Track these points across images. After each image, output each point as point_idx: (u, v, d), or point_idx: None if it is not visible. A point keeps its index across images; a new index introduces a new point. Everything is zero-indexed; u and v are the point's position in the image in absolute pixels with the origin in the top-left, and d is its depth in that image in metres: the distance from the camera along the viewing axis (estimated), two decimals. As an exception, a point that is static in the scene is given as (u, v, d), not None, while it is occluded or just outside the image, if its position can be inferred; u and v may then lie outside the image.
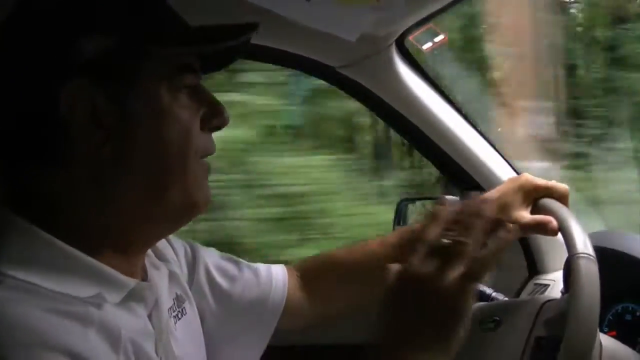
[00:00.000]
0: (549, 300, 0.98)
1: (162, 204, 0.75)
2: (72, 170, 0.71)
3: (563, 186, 1.00)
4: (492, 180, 1.48)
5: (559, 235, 0.93)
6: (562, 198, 0.99)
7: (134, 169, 0.73)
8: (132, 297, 0.75)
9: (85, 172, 0.71)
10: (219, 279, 1.01)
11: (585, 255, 0.85)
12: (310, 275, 1.10)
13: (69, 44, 0.69)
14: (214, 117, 0.79)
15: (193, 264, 1.00)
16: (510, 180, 1.03)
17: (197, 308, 0.95)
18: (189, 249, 1.00)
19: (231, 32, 0.77)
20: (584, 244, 0.87)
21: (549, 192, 0.99)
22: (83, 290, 0.69)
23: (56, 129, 0.70)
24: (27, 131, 0.71)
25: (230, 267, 1.04)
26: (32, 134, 0.71)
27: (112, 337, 0.68)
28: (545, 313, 0.95)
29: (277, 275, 1.07)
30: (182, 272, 0.96)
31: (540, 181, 1.01)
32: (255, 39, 1.33)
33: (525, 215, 0.99)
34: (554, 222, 0.94)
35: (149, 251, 0.86)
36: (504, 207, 0.98)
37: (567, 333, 0.80)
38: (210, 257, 1.03)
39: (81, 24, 0.70)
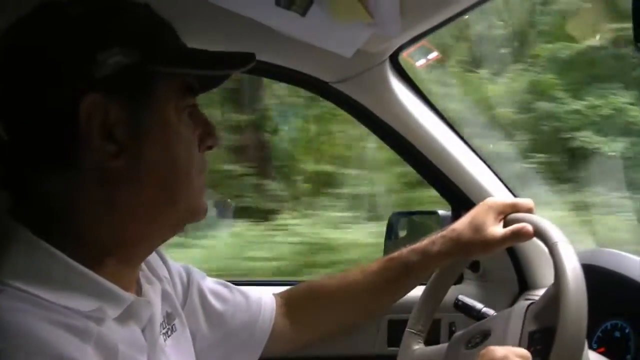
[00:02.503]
0: (533, 302, 1.01)
1: (166, 215, 0.78)
2: (80, 180, 0.72)
3: (528, 201, 1.06)
4: (483, 196, 1.49)
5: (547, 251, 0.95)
6: (528, 212, 1.04)
7: (141, 182, 0.75)
8: (129, 312, 0.76)
9: (93, 183, 0.73)
10: (212, 300, 1.03)
11: (562, 240, 0.91)
12: (295, 302, 1.12)
13: (91, 56, 0.71)
14: (208, 137, 0.82)
15: (187, 285, 1.01)
16: (479, 204, 1.09)
17: (189, 329, 0.96)
18: (183, 272, 1.02)
19: (237, 59, 0.80)
20: (558, 233, 0.92)
21: (516, 208, 1.05)
22: (84, 304, 0.70)
23: (71, 140, 0.71)
24: (42, 140, 0.72)
25: (222, 290, 1.06)
26: (47, 143, 0.72)
27: (109, 354, 0.69)
28: (533, 309, 0.98)
29: (266, 300, 1.09)
30: (177, 292, 0.97)
31: (506, 199, 1.07)
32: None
33: (499, 229, 1.03)
34: (528, 226, 0.99)
35: (143, 266, 0.87)
36: (478, 227, 1.04)
37: (561, 308, 0.83)
38: (203, 279, 1.04)
39: (101, 39, 0.72)
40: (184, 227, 0.82)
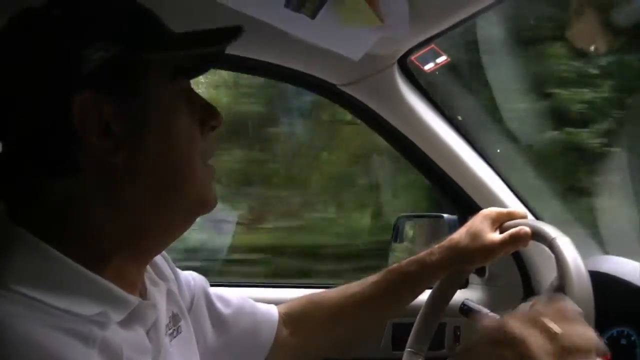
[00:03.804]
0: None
1: (172, 208, 0.77)
2: (83, 180, 0.71)
3: (522, 210, 1.11)
4: (491, 201, 1.49)
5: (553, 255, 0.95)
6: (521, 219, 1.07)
7: (143, 175, 0.73)
8: (134, 315, 0.75)
9: (96, 181, 0.71)
10: (218, 304, 1.03)
11: (559, 235, 0.94)
12: (296, 314, 1.13)
13: (75, 54, 0.70)
14: (210, 118, 0.80)
15: (194, 290, 1.01)
16: (475, 215, 1.11)
17: (195, 334, 0.96)
18: (189, 277, 1.02)
19: (222, 35, 0.78)
20: (554, 230, 0.97)
21: (511, 216, 1.08)
22: (87, 308, 0.69)
23: (68, 140, 0.70)
24: (38, 142, 0.71)
25: (227, 295, 1.07)
26: (43, 145, 0.71)
27: (114, 358, 0.68)
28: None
29: (269, 310, 1.10)
30: (183, 296, 0.97)
31: (501, 209, 1.10)
32: (259, 55, 1.36)
33: (496, 236, 1.06)
34: (525, 228, 1.02)
35: (148, 267, 0.87)
36: (475, 235, 1.06)
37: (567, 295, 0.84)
38: (207, 285, 1.05)
39: (82, 36, 0.71)
40: (194, 219, 0.80)
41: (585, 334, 0.69)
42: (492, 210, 1.10)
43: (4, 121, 0.72)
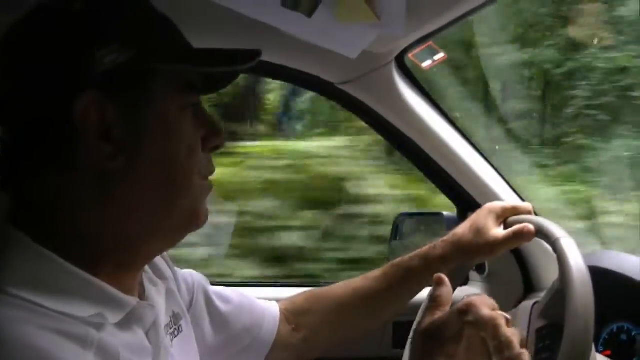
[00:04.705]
0: (537, 301, 1.01)
1: (165, 218, 0.76)
2: (80, 182, 0.71)
3: (527, 205, 1.07)
4: (489, 198, 1.49)
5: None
6: (527, 214, 1.05)
7: (140, 183, 0.73)
8: (132, 317, 0.75)
9: (92, 184, 0.71)
10: (217, 301, 1.03)
11: (564, 236, 0.91)
12: (297, 310, 1.12)
13: (85, 54, 0.69)
14: (213, 137, 0.80)
15: (193, 288, 1.01)
16: (479, 209, 1.09)
17: (195, 332, 0.96)
18: (188, 276, 1.02)
19: (239, 57, 0.78)
20: (559, 229, 0.94)
21: (516, 211, 1.06)
22: (84, 309, 0.68)
23: (67, 139, 0.70)
24: (38, 140, 0.70)
25: (227, 292, 1.06)
26: (43, 143, 0.70)
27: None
28: (539, 307, 0.98)
29: (270, 307, 1.09)
30: (182, 295, 0.97)
31: (506, 203, 1.08)
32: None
33: (500, 231, 1.04)
34: (529, 225, 0.99)
35: (146, 267, 0.86)
36: (479, 230, 1.04)
37: (567, 301, 0.82)
38: (207, 283, 1.05)
39: (98, 36, 0.71)
40: (185, 233, 0.80)
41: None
42: (497, 204, 1.08)
43: (13, 110, 0.72)
